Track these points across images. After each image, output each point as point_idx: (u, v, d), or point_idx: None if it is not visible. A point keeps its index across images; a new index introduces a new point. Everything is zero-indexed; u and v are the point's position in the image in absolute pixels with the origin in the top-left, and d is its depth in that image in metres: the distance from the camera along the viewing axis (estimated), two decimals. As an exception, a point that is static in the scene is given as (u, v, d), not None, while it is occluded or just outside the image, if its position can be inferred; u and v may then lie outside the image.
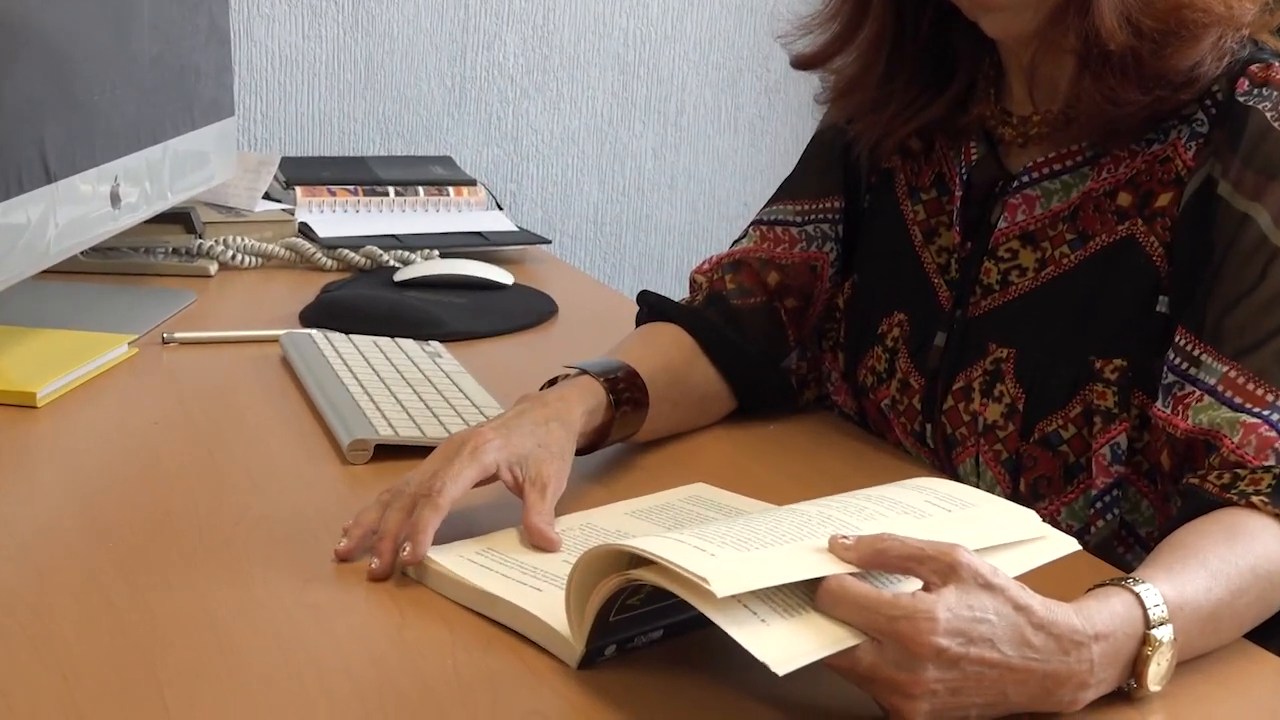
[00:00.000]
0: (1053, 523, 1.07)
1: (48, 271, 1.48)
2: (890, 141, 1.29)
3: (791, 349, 1.36)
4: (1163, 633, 0.87)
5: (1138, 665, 0.87)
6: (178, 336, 1.52)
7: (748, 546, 0.84)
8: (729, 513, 1.09)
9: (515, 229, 2.06)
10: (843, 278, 1.36)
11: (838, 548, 0.85)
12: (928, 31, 1.25)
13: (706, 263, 1.39)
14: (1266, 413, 1.04)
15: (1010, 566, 0.86)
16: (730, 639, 0.79)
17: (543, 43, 2.51)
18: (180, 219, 1.83)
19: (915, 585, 0.84)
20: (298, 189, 2.04)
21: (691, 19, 2.61)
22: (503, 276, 1.80)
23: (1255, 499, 1.00)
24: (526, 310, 1.72)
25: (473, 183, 2.16)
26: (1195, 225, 1.12)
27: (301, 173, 2.10)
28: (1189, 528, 0.99)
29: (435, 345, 1.52)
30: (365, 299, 1.69)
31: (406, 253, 1.89)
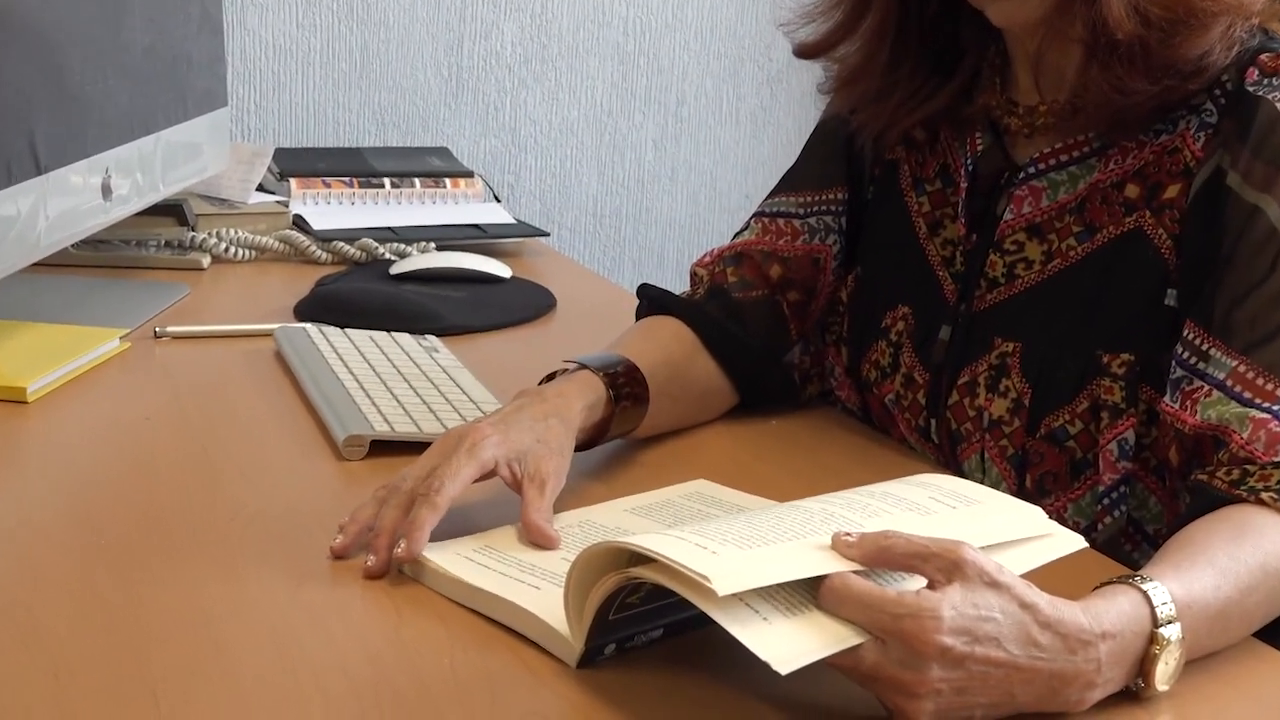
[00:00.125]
0: (1059, 519, 1.07)
1: (38, 264, 1.49)
2: (894, 132, 1.29)
3: (794, 343, 1.36)
4: (1171, 631, 0.87)
5: (1145, 664, 0.87)
6: (170, 330, 1.52)
7: (750, 544, 0.84)
8: (730, 510, 1.09)
9: (513, 221, 2.06)
10: (846, 270, 1.36)
11: (841, 545, 0.85)
12: (932, 20, 1.25)
13: (707, 255, 1.39)
14: (1277, 408, 1.04)
15: (1016, 564, 0.87)
16: (732, 638, 0.79)
17: (541, 31, 2.51)
18: (173, 211, 1.83)
19: (920, 583, 0.84)
20: (292, 180, 2.04)
21: (692, 7, 2.61)
22: (500, 270, 1.80)
23: (1265, 495, 1.00)
24: (524, 304, 1.72)
25: (470, 174, 2.16)
26: (1204, 217, 1.12)
27: (296, 164, 2.10)
28: (1197, 525, 0.99)
29: (432, 340, 1.52)
30: (361, 292, 1.68)
31: (402, 245, 1.89)
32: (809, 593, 0.83)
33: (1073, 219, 1.19)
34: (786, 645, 0.79)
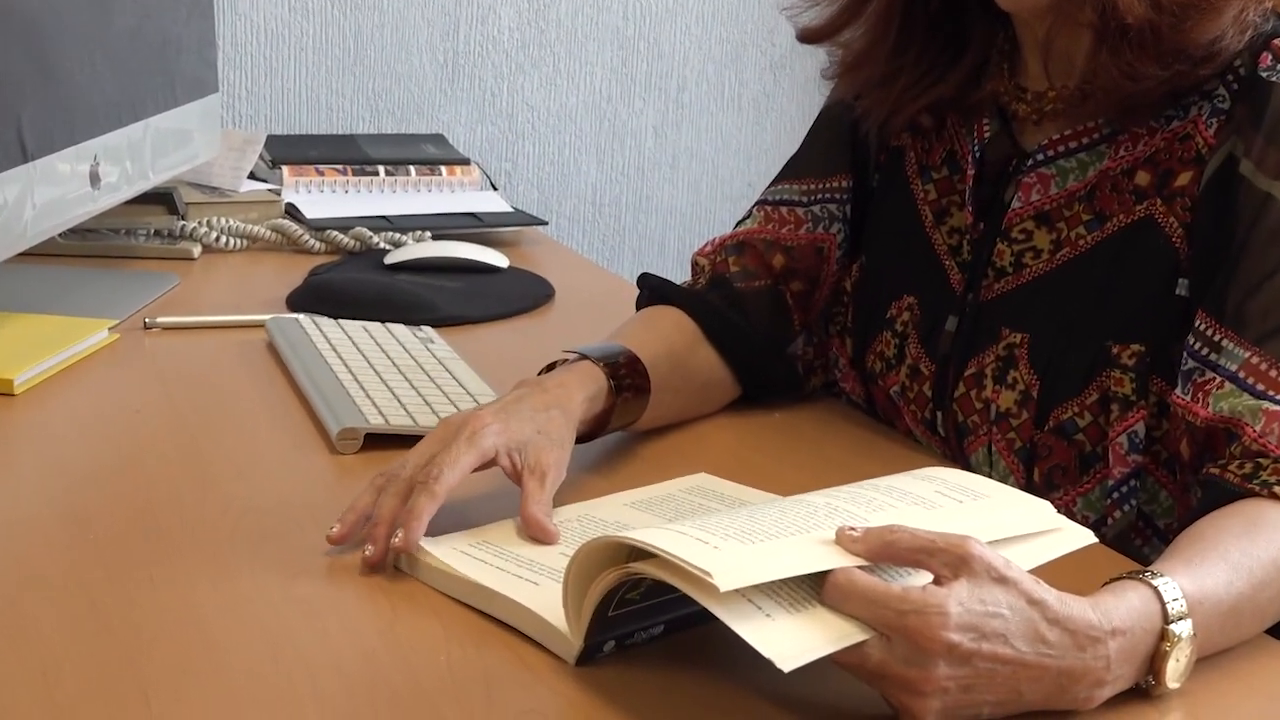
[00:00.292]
0: (1068, 514, 1.07)
1: (25, 254, 1.48)
2: (900, 118, 1.29)
3: (797, 334, 1.36)
4: (1182, 628, 0.87)
5: (1156, 662, 0.87)
6: (160, 321, 1.52)
7: (752, 539, 0.84)
8: (732, 504, 1.09)
9: (510, 210, 2.06)
10: (850, 260, 1.36)
11: (845, 540, 0.85)
12: (939, 4, 1.25)
13: (709, 245, 1.38)
14: (1290, 400, 1.04)
15: (1024, 559, 0.87)
16: (734, 634, 0.79)
17: (539, 16, 2.51)
18: (162, 200, 1.83)
19: (925, 579, 0.84)
20: (284, 168, 2.04)
21: (693, -9, 2.61)
22: (497, 259, 1.80)
23: (1278, 489, 1.00)
24: (522, 294, 1.72)
25: (466, 162, 2.16)
26: (1216, 205, 1.11)
27: (288, 151, 2.10)
28: (1209, 519, 0.99)
29: (427, 330, 1.52)
30: (355, 282, 1.68)
31: (397, 234, 1.89)
32: (813, 588, 0.83)
33: (1082, 207, 1.19)
34: (790, 642, 0.79)
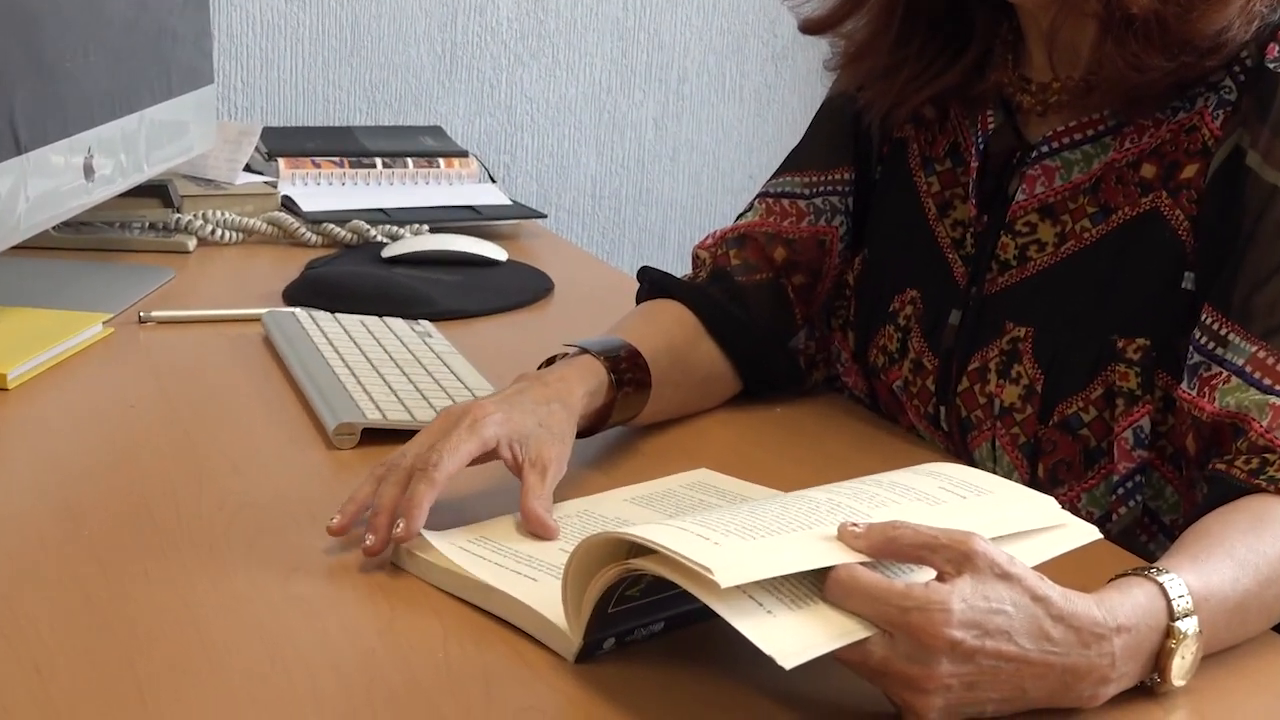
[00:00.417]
0: (1072, 510, 1.08)
1: (18, 247, 1.48)
2: (903, 110, 1.29)
3: (799, 328, 1.36)
4: (1187, 625, 0.87)
5: (1161, 659, 0.87)
6: (155, 315, 1.52)
7: (753, 535, 0.84)
8: (733, 499, 1.09)
9: (509, 203, 2.06)
10: (853, 253, 1.36)
11: (847, 536, 0.85)
12: (943, -6, 1.25)
13: (710, 238, 1.39)
14: (1297, 395, 1.05)
15: (1028, 556, 0.87)
16: (735, 631, 0.79)
17: (538, 6, 2.51)
18: (157, 192, 1.83)
19: (929, 575, 0.84)
20: (280, 160, 2.04)
21: (694, -19, 2.61)
22: (496, 252, 1.80)
23: (1285, 485, 1.00)
24: (521, 288, 1.72)
25: (464, 154, 2.16)
26: (1223, 198, 1.12)
27: (284, 143, 2.10)
28: (1215, 515, 0.99)
29: (425, 325, 1.52)
30: (351, 276, 1.69)
31: (395, 227, 1.89)
32: (814, 585, 0.83)
33: (1087, 199, 1.19)
34: (791, 639, 0.79)
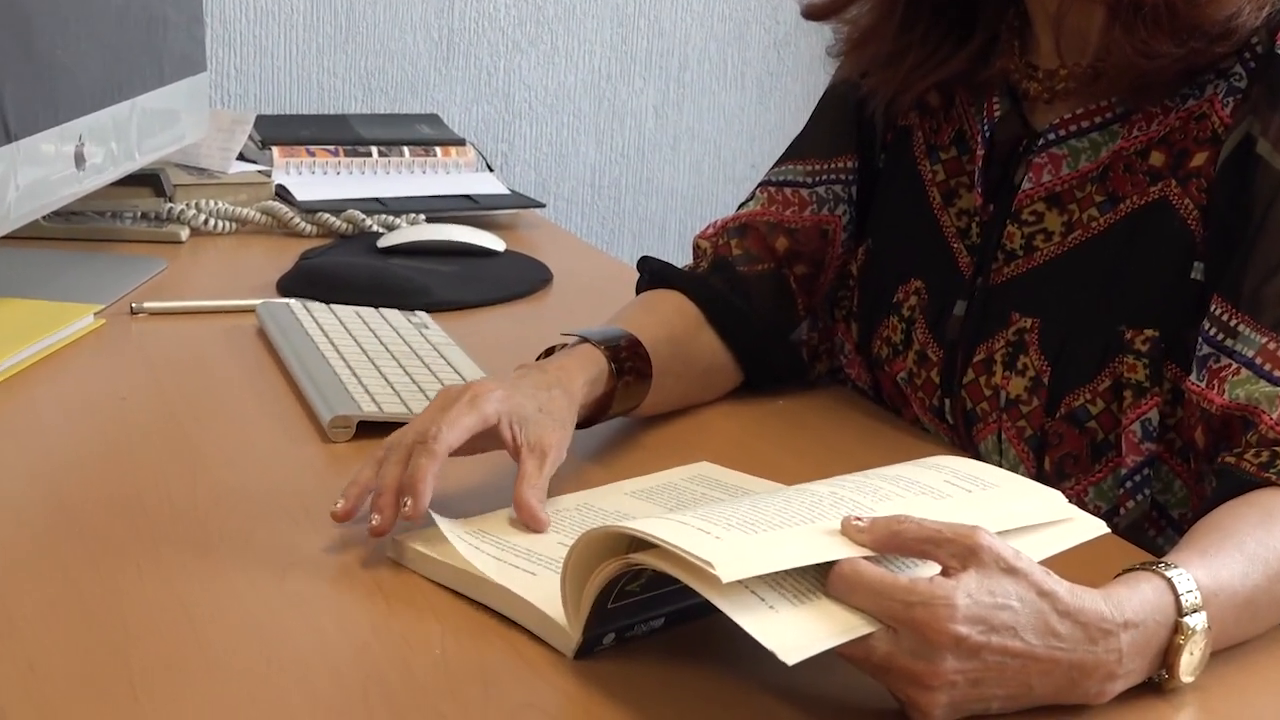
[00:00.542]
0: (1079, 503, 1.07)
1: (8, 237, 1.48)
2: (907, 97, 1.29)
3: (801, 319, 1.36)
4: (1196, 620, 0.87)
5: (1169, 655, 0.87)
6: (147, 306, 1.52)
7: (755, 529, 0.84)
8: (735, 493, 1.09)
9: (507, 192, 2.06)
10: (856, 243, 1.36)
11: (851, 530, 0.85)
12: (948, -22, 1.25)
13: (711, 227, 1.39)
14: (1308, 387, 1.04)
15: (1034, 550, 0.87)
16: (736, 627, 0.79)
17: (536, -8, 2.51)
18: (149, 181, 1.83)
19: (933, 570, 0.84)
20: (274, 149, 2.04)
21: (695, -33, 2.61)
22: (493, 243, 1.80)
23: (1295, 478, 1.00)
24: (519, 279, 1.72)
25: (461, 143, 2.15)
26: (1232, 186, 1.11)
27: (278, 132, 2.10)
28: (1224, 509, 0.99)
29: (422, 316, 1.52)
30: (347, 266, 1.68)
31: (391, 217, 1.89)
32: (817, 580, 0.83)
33: (1095, 188, 1.19)
34: (794, 634, 0.79)
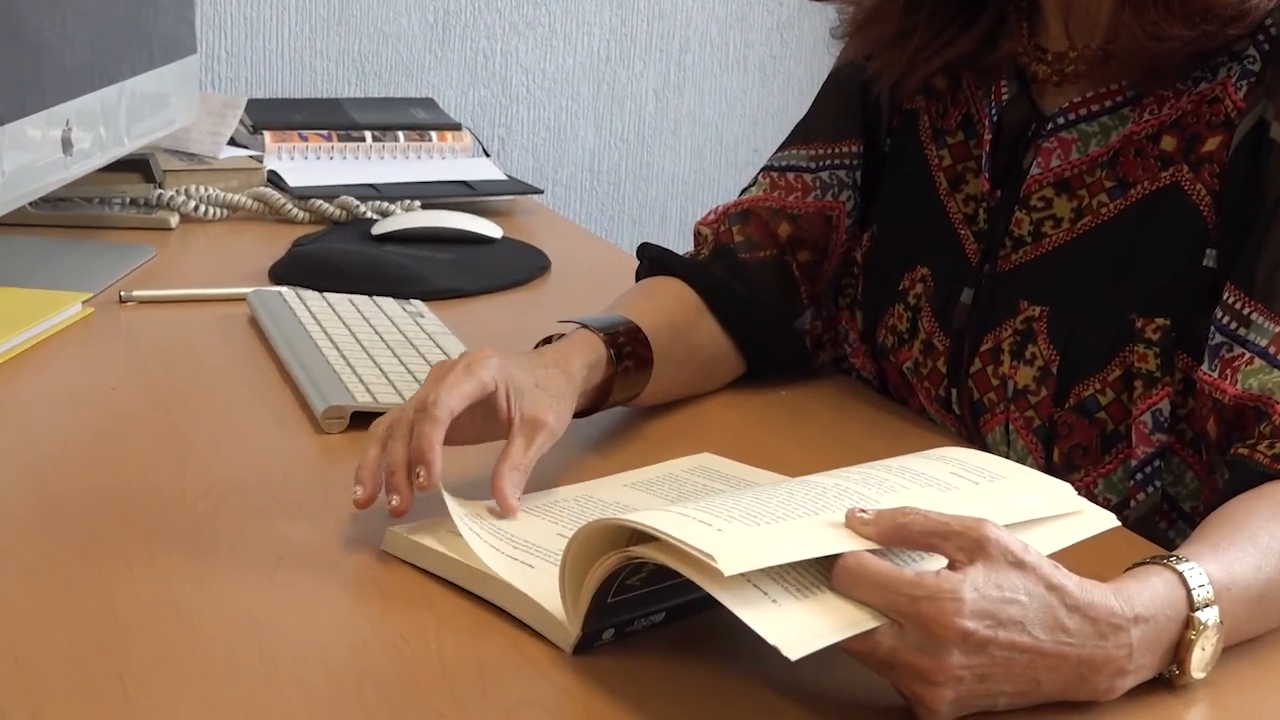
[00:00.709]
0: (1089, 496, 1.07)
1: (-6, 224, 1.49)
2: (913, 80, 1.29)
3: (805, 307, 1.36)
4: (1208, 615, 0.87)
5: (1180, 650, 0.87)
6: (136, 295, 1.52)
7: (758, 521, 0.84)
8: (737, 485, 1.09)
9: (504, 178, 2.06)
10: (861, 229, 1.36)
11: (855, 522, 0.85)
12: (954, -42, 1.25)
13: (712, 213, 1.38)
14: (1322, 376, 1.05)
15: (1043, 543, 0.87)
16: (738, 621, 0.79)
17: (533, -27, 2.50)
18: (138, 167, 1.83)
19: (940, 563, 0.84)
20: (266, 134, 2.04)
21: (696, -53, 2.60)
22: (490, 229, 1.80)
23: (1309, 470, 1.00)
24: (516, 266, 1.72)
25: (458, 127, 2.15)
26: (1246, 172, 1.11)
27: (270, 116, 2.09)
28: (1237, 502, 0.99)
29: (417, 304, 1.52)
30: (340, 254, 1.68)
31: (385, 203, 1.89)
32: (821, 573, 0.83)
33: (1105, 173, 1.19)
34: (797, 629, 0.80)
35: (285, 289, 1.53)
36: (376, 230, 1.77)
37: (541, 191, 2.10)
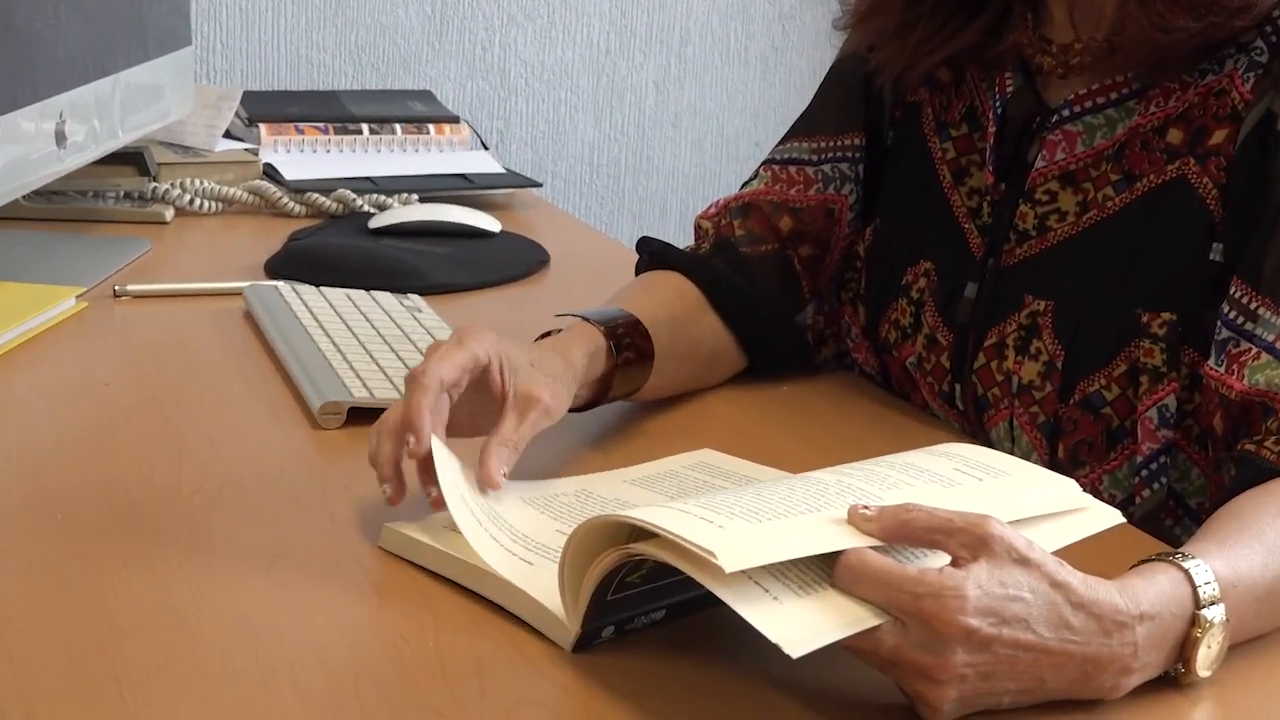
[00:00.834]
0: (1094, 492, 1.08)
1: (-13, 218, 1.49)
2: (916, 72, 1.29)
3: (807, 302, 1.36)
4: (1214, 613, 0.87)
5: (1186, 648, 0.87)
6: (130, 289, 1.52)
7: (759, 518, 0.84)
8: (739, 481, 1.09)
9: (502, 171, 2.05)
10: (863, 223, 1.36)
11: (858, 519, 0.85)
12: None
13: (713, 207, 1.39)
14: (1330, 372, 1.05)
15: (1047, 540, 0.87)
16: (739, 619, 0.79)
17: (532, -36, 2.50)
18: (132, 160, 1.83)
19: (943, 560, 0.84)
20: (262, 126, 2.04)
21: (697, -63, 2.60)
22: (488, 223, 1.80)
23: (1317, 466, 1.00)
24: (515, 260, 1.72)
25: (455, 120, 2.15)
26: (1253, 165, 1.11)
27: (266, 109, 2.09)
28: (1244, 498, 0.99)
29: (414, 299, 1.52)
30: (337, 248, 1.68)
31: (382, 197, 1.89)
32: (823, 570, 0.83)
33: (1110, 167, 1.19)
34: (798, 626, 0.80)
35: (281, 283, 1.53)
36: (373, 224, 1.77)
37: (540, 185, 2.10)
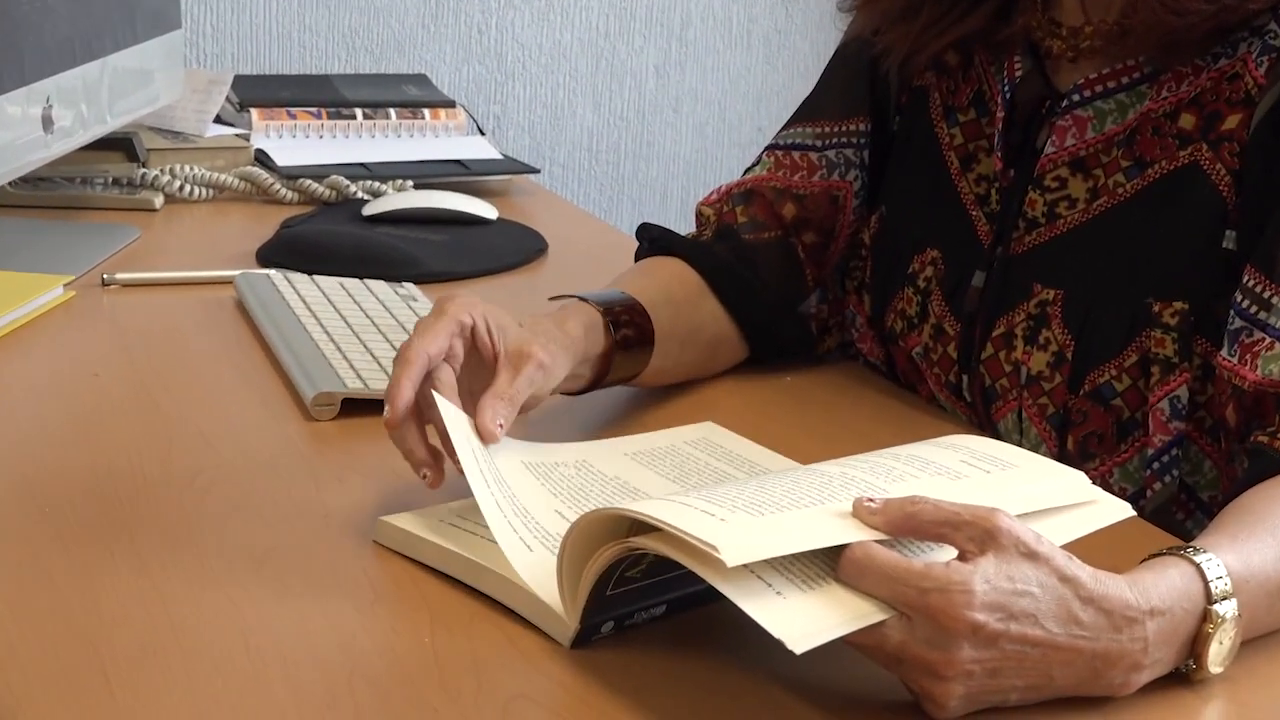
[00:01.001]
0: (1104, 485, 1.08)
1: (-28, 204, 1.49)
2: (923, 56, 1.29)
3: (810, 290, 1.36)
4: (1226, 608, 0.87)
5: (1197, 644, 0.87)
6: (119, 277, 1.52)
7: (762, 510, 0.84)
8: (740, 462, 1.09)
9: (499, 157, 2.05)
10: (869, 210, 1.36)
11: (863, 512, 0.85)
12: (966, -71, 1.25)
13: (715, 193, 1.38)
14: (1345, 362, 1.05)
15: (1056, 534, 0.87)
16: (742, 614, 0.80)
17: (530, -55, 2.50)
18: (121, 145, 1.83)
19: (950, 554, 0.84)
20: (253, 111, 2.04)
21: (698, -82, 2.60)
22: (485, 210, 1.79)
23: (1331, 458, 1.00)
24: (512, 248, 1.72)
25: (451, 104, 2.15)
26: (1267, 150, 1.11)
27: (257, 93, 2.09)
28: (1256, 491, 0.99)
29: (409, 288, 1.52)
30: (330, 235, 1.68)
31: (377, 183, 1.89)
32: (827, 565, 0.83)
33: (1121, 152, 1.19)
34: (802, 622, 0.80)
35: (273, 271, 1.53)
36: (367, 211, 1.77)
37: (538, 171, 2.10)
